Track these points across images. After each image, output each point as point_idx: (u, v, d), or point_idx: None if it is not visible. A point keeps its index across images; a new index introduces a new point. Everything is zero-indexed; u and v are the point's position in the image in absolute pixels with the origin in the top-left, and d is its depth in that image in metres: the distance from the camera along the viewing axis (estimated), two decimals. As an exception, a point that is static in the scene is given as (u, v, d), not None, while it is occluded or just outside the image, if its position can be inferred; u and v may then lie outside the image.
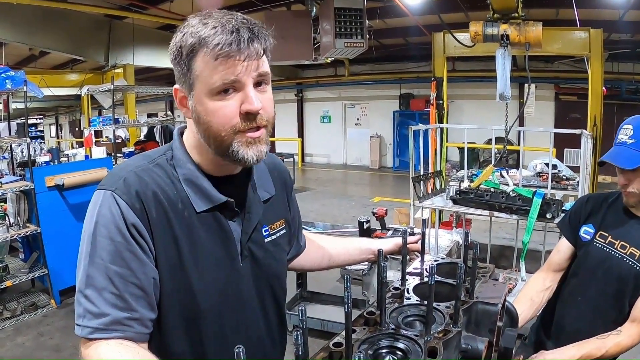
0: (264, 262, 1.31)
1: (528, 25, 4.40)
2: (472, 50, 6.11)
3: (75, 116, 23.33)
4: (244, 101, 1.09)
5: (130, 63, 10.54)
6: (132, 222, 1.08)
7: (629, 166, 1.88)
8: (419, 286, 1.35)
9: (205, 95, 1.09)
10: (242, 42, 1.05)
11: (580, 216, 2.19)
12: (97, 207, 1.10)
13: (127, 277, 1.06)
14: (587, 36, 5.84)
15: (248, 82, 1.08)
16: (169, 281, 1.13)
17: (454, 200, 4.54)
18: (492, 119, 13.45)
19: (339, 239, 1.82)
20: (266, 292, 1.33)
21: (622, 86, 12.26)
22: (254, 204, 1.28)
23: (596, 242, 2.07)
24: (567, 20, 7.85)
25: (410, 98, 16.92)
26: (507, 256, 6.92)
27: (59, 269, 5.35)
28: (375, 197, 11.78)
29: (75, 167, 5.74)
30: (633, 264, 1.92)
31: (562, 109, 14.21)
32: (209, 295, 1.18)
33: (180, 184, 1.17)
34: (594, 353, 1.86)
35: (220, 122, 1.09)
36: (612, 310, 1.99)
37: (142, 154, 1.25)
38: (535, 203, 3.86)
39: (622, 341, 1.86)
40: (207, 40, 1.05)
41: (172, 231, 1.13)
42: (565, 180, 6.02)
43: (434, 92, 6.93)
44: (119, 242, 1.07)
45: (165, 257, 1.12)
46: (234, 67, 1.06)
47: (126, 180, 1.12)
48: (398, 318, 1.16)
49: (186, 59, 1.09)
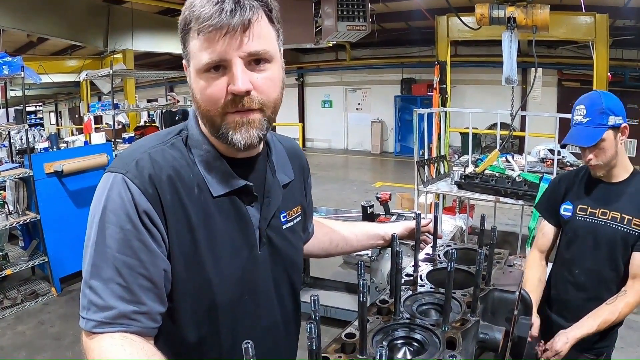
0: (282, 250, 1.24)
1: (535, 8, 4.33)
2: (476, 34, 6.03)
3: (74, 103, 23.17)
4: (229, 81, 1.01)
5: (130, 48, 10.38)
6: (144, 209, 1.00)
7: (590, 143, 2.06)
8: (433, 272, 1.30)
9: (195, 73, 1.03)
10: (224, 13, 0.96)
11: (557, 196, 2.35)
12: (106, 191, 1.01)
13: (135, 267, 0.98)
14: (593, 21, 5.73)
15: (235, 61, 1.00)
16: (183, 271, 1.05)
17: (459, 185, 4.52)
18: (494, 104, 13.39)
19: (347, 224, 1.76)
20: (283, 279, 1.26)
21: (625, 73, 12.16)
22: (273, 188, 1.21)
23: (578, 216, 2.23)
24: (571, 6, 7.73)
25: (412, 83, 16.81)
26: (511, 242, 6.90)
27: (60, 256, 5.32)
28: (376, 182, 11.77)
29: (74, 153, 5.67)
30: (617, 226, 2.10)
31: (565, 95, 14.08)
32: (226, 285, 1.11)
33: (196, 167, 1.10)
34: (609, 318, 2.03)
35: (207, 101, 1.03)
36: (609, 273, 2.15)
37: (156, 134, 1.17)
38: (542, 188, 3.81)
39: (630, 300, 2.05)
40: (193, 13, 0.99)
41: (187, 218, 1.05)
42: (569, 166, 5.97)
43: (437, 76, 6.83)
44: (128, 230, 0.98)
45: (180, 246, 1.05)
46: (217, 43, 0.98)
47: (139, 162, 1.03)
48: (412, 306, 1.10)
49: (182, 34, 1.04)
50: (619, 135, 2.07)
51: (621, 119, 2.05)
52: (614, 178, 2.16)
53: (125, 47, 10.34)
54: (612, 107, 2.04)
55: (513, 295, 1.20)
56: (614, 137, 2.05)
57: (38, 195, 5.13)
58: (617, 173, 2.15)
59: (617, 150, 2.08)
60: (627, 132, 2.08)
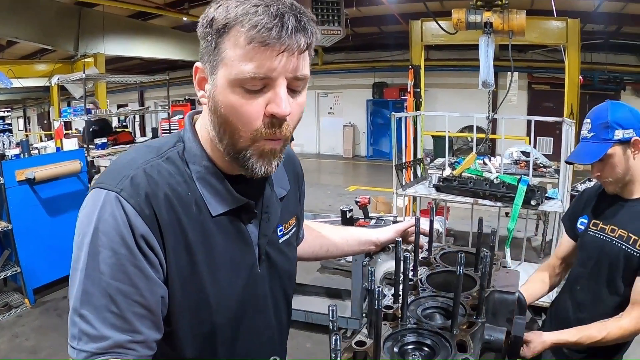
0: (280, 265, 1.20)
1: (512, 13, 4.40)
2: (450, 39, 6.10)
3: (43, 108, 22.71)
4: (271, 101, 0.93)
5: (101, 52, 10.21)
6: (141, 232, 0.93)
7: (591, 161, 1.97)
8: (432, 276, 1.30)
9: (228, 83, 0.93)
10: (285, 30, 0.89)
11: (577, 209, 2.26)
12: (97, 211, 0.93)
13: (130, 294, 0.92)
14: (565, 26, 5.86)
15: (281, 81, 0.93)
16: (180, 295, 1.00)
17: (437, 187, 4.54)
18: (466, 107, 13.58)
19: (337, 228, 1.74)
20: (280, 293, 1.23)
21: (595, 76, 12.56)
22: (271, 203, 1.16)
23: (590, 231, 2.12)
24: (542, 10, 7.91)
25: (384, 87, 17.02)
26: (486, 243, 6.98)
27: (33, 266, 5.16)
28: (350, 186, 11.79)
29: (46, 160, 5.51)
30: (621, 245, 1.95)
31: (535, 98, 14.45)
32: (226, 307, 1.06)
33: (193, 183, 1.03)
34: (595, 335, 1.88)
35: (241, 121, 0.95)
36: (608, 295, 2.01)
37: (147, 145, 1.08)
38: (520, 190, 3.88)
39: (624, 324, 1.88)
40: (244, 18, 0.90)
41: (186, 239, 0.99)
42: (542, 168, 6.10)
43: (412, 80, 6.88)
44: (122, 255, 0.92)
45: (177, 268, 0.99)
46: (269, 59, 0.90)
47: (134, 179, 0.96)
48: (417, 311, 1.10)
49: (215, 35, 0.94)
50: (631, 150, 1.94)
51: (632, 132, 1.91)
52: (629, 194, 2.03)
53: (96, 51, 10.16)
54: (619, 119, 1.92)
55: (513, 296, 1.21)
56: (623, 152, 1.93)
57: (9, 203, 4.96)
58: (634, 189, 2.02)
59: (629, 165, 1.95)
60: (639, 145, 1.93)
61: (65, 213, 5.46)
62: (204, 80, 1.01)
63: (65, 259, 4.77)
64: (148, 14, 10.93)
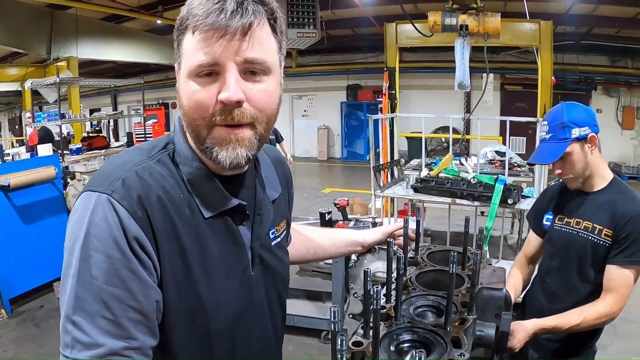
0: (273, 268, 1.19)
1: (487, 16, 4.48)
2: (425, 41, 6.16)
3: (15, 113, 22.25)
4: (221, 88, 0.93)
5: (74, 56, 10.05)
6: (134, 235, 0.91)
7: (551, 160, 2.09)
8: (421, 275, 1.33)
9: (186, 75, 0.96)
10: (223, 13, 0.90)
11: (541, 207, 2.37)
12: (89, 214, 0.90)
13: (125, 299, 0.89)
14: (538, 28, 5.99)
15: (229, 67, 0.93)
16: (175, 299, 0.98)
17: (415, 188, 4.57)
18: (440, 108, 13.77)
19: (324, 230, 1.76)
20: (274, 296, 1.22)
21: (566, 76, 12.91)
22: (264, 205, 1.15)
23: (556, 225, 2.23)
24: (514, 13, 8.07)
25: (358, 89, 17.17)
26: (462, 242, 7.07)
27: (8, 275, 5.05)
28: (326, 189, 11.81)
29: (20, 167, 5.41)
30: (587, 236, 2.07)
31: (507, 98, 14.71)
32: (221, 311, 1.05)
33: (185, 185, 1.01)
34: (573, 320, 1.98)
35: (194, 108, 0.96)
36: (580, 284, 2.12)
37: (138, 147, 1.07)
38: (498, 189, 3.93)
39: (599, 308, 1.98)
40: (192, 12, 0.93)
41: (180, 242, 0.97)
42: (517, 167, 6.20)
43: (387, 82, 6.94)
44: (116, 259, 0.89)
45: (172, 272, 0.96)
46: (212, 45, 0.91)
47: (125, 181, 0.94)
48: (409, 310, 1.13)
49: (177, 33, 0.97)
50: (588, 146, 2.05)
51: (588, 129, 2.03)
52: (590, 187, 2.14)
53: (69, 55, 9.99)
54: (574, 118, 2.04)
55: (500, 292, 1.24)
56: (581, 149, 2.04)
57: (-18, 211, 4.88)
58: (594, 182, 2.13)
59: (587, 161, 2.07)
60: (596, 141, 2.05)
61: (41, 220, 5.38)
62: None
63: (41, 267, 4.71)
64: (121, 17, 10.82)
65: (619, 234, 1.98)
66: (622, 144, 13.90)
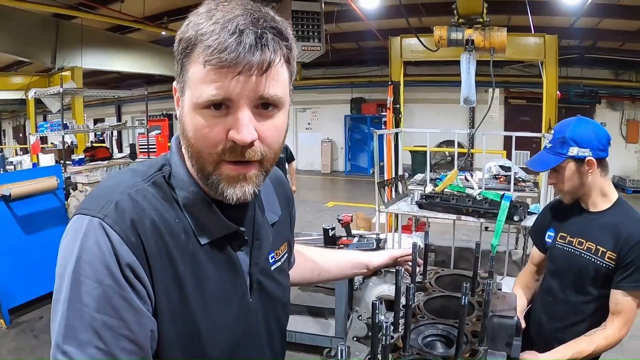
0: (272, 293, 1.15)
1: (493, 30, 4.47)
2: (429, 55, 6.16)
3: (19, 121, 22.31)
4: (232, 126, 0.88)
5: (79, 65, 10.04)
6: (127, 261, 0.87)
7: (541, 169, 2.16)
8: (429, 301, 1.28)
9: (192, 106, 0.90)
10: (242, 47, 0.83)
11: (544, 222, 2.35)
12: (80, 238, 0.87)
13: (117, 328, 0.85)
14: (543, 42, 5.99)
15: (242, 104, 0.88)
16: (171, 328, 0.93)
17: (419, 204, 4.53)
18: (444, 122, 13.78)
19: (329, 252, 1.71)
20: (273, 323, 1.17)
21: (570, 90, 12.88)
22: (263, 229, 1.11)
23: (558, 243, 2.20)
24: (519, 27, 8.06)
25: (362, 102, 17.18)
26: (467, 257, 7.02)
27: (8, 286, 5.01)
28: (329, 202, 11.73)
29: (22, 176, 5.39)
30: (590, 258, 2.04)
31: (511, 112, 14.69)
32: (218, 339, 1.00)
33: (181, 209, 0.97)
34: (586, 349, 1.96)
35: (202, 142, 0.91)
36: (580, 303, 2.10)
37: (132, 169, 1.03)
38: (504, 206, 3.89)
39: (609, 335, 1.96)
40: (202, 38, 0.86)
41: (175, 268, 0.93)
42: (521, 182, 6.14)
43: (391, 96, 6.93)
44: (108, 286, 0.85)
45: (167, 300, 0.92)
46: (224, 81, 0.86)
47: (118, 204, 0.90)
48: (418, 339, 1.08)
49: (181, 56, 0.91)
50: (585, 168, 2.02)
51: (588, 152, 2.00)
52: (594, 207, 2.11)
53: (74, 65, 9.99)
54: (577, 137, 2.01)
55: (512, 320, 1.20)
56: (576, 168, 2.03)
57: (-17, 221, 4.85)
58: (597, 202, 2.10)
59: (583, 181, 2.05)
60: (593, 165, 2.01)
61: (42, 231, 5.34)
62: (179, 101, 0.97)
63: (42, 277, 4.66)
64: (126, 28, 10.84)
65: (623, 259, 1.95)
66: (627, 158, 13.86)
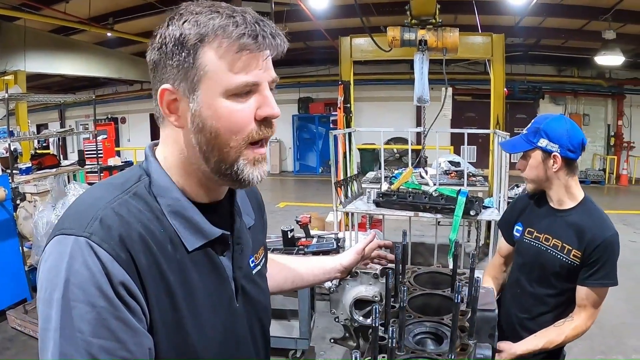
0: (256, 297, 1.16)
1: (445, 31, 4.59)
2: (379, 55, 6.20)
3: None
4: (261, 105, 0.96)
5: (22, 69, 9.60)
6: (120, 280, 0.84)
7: (509, 151, 2.31)
8: (412, 300, 1.33)
9: (219, 95, 0.92)
10: (267, 36, 0.93)
11: (512, 217, 2.42)
12: (66, 261, 0.83)
13: (115, 351, 0.83)
14: (490, 41, 6.19)
15: (265, 84, 0.97)
16: (165, 341, 0.92)
17: (377, 203, 4.59)
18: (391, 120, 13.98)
19: (301, 259, 1.71)
20: (257, 328, 1.18)
21: (514, 86, 13.41)
22: (242, 233, 1.11)
23: (525, 238, 2.28)
24: (465, 25, 8.28)
25: (310, 102, 17.30)
26: (421, 252, 7.19)
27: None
28: (280, 203, 11.64)
29: (-35, 188, 5.15)
30: (556, 254, 2.12)
31: (458, 109, 15.01)
32: (210, 347, 1.00)
33: (165, 218, 0.96)
34: (555, 339, 2.07)
35: (233, 128, 0.94)
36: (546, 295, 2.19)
37: (108, 183, 1.01)
38: (460, 201, 4.01)
39: (577, 325, 2.08)
40: (226, 29, 0.90)
41: (165, 280, 0.92)
42: (472, 177, 6.31)
43: (342, 95, 6.98)
44: (102, 308, 0.82)
45: (160, 314, 0.91)
46: (257, 65, 0.94)
47: (103, 220, 0.87)
48: (409, 338, 1.12)
49: (191, 51, 0.91)
50: (551, 162, 2.09)
51: (556, 148, 2.06)
52: (560, 204, 2.18)
53: (17, 68, 9.54)
54: (550, 131, 2.08)
55: (493, 313, 1.26)
56: (542, 159, 2.10)
57: None
58: (563, 200, 2.16)
59: (547, 175, 2.12)
60: (559, 161, 2.07)
61: (-10, 244, 5.12)
62: (174, 103, 0.96)
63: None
64: (71, 29, 10.50)
65: (588, 258, 2.04)
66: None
